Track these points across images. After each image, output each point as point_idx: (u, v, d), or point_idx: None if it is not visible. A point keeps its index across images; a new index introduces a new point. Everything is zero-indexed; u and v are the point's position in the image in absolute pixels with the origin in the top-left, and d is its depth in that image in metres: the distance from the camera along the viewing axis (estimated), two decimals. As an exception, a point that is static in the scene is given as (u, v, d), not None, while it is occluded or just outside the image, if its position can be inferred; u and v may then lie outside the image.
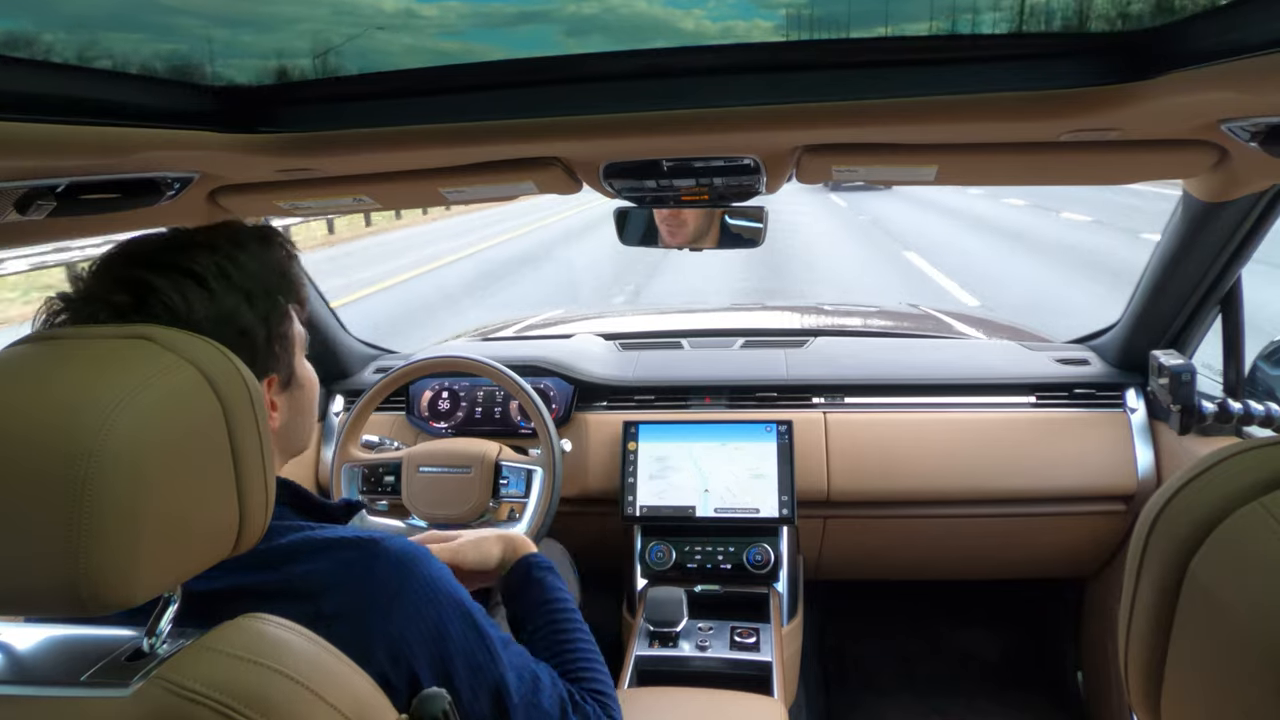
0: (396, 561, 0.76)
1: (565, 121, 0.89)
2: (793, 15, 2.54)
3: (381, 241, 14.06)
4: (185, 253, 0.76)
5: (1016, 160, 1.05)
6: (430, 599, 0.76)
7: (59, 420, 0.51)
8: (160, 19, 5.52)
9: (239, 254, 0.78)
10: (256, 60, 1.84)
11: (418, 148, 0.97)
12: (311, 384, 0.91)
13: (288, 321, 0.84)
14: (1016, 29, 0.81)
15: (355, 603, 0.72)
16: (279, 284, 0.82)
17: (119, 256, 0.76)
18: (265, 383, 0.81)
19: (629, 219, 1.37)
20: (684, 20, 4.42)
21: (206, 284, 0.75)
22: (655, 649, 1.42)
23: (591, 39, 6.00)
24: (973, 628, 2.17)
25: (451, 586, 0.79)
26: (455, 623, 0.77)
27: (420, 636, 0.74)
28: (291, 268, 0.85)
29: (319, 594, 0.72)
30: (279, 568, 0.73)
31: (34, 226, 0.89)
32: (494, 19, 5.09)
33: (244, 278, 0.78)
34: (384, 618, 0.73)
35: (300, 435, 0.91)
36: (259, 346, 0.79)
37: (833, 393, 1.75)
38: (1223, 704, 0.36)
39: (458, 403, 1.80)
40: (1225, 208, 1.26)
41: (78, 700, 0.54)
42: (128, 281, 0.73)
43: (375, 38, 2.62)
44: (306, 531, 0.77)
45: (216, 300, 0.75)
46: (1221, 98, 0.74)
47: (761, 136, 0.97)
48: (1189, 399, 1.40)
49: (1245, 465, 0.39)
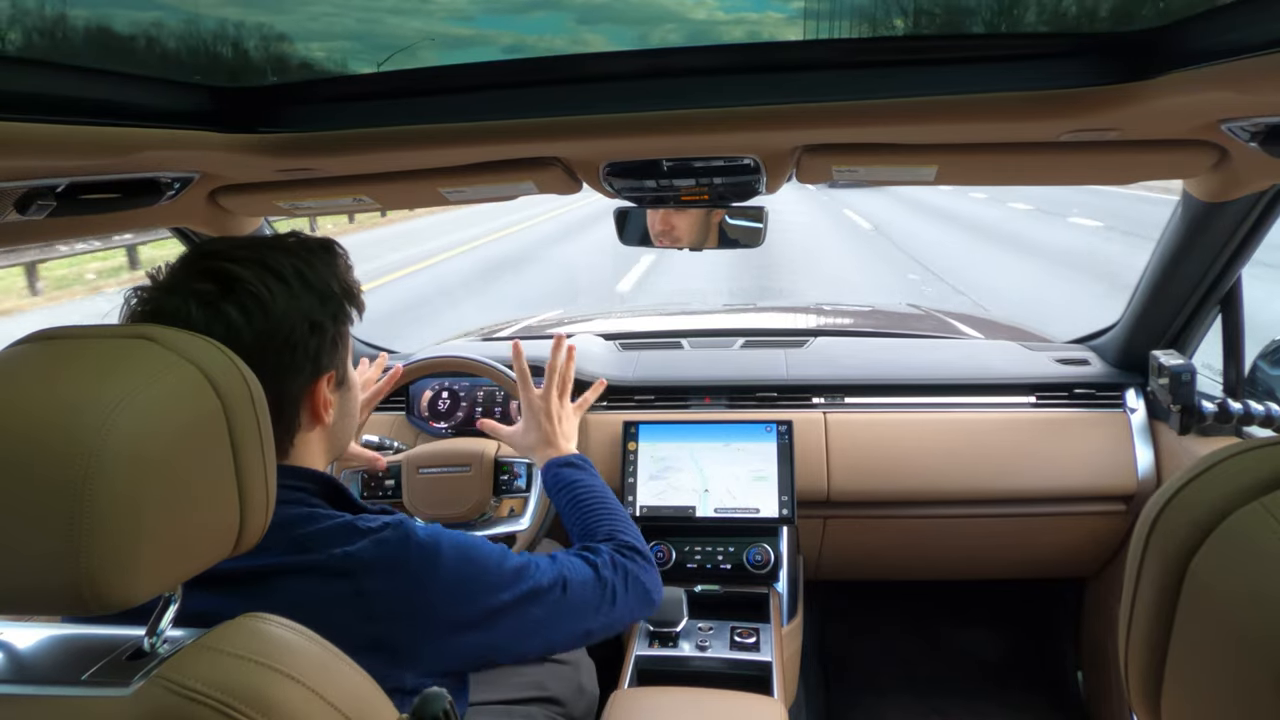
0: (429, 546, 0.82)
1: (565, 121, 0.89)
2: (810, 8, 2.55)
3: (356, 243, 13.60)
4: (265, 252, 0.81)
5: (1016, 160, 1.05)
6: (458, 583, 0.83)
7: (60, 420, 0.51)
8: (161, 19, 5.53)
9: (313, 259, 0.84)
10: (256, 60, 1.85)
11: (418, 148, 0.97)
12: (356, 388, 0.96)
13: (349, 324, 0.89)
14: (1017, 29, 0.81)
15: (394, 583, 0.78)
16: (344, 289, 0.87)
17: (199, 253, 0.81)
18: (325, 378, 0.86)
19: (629, 219, 1.37)
20: (695, 10, 4.43)
21: (287, 280, 0.80)
22: (655, 649, 1.42)
23: (601, 27, 6.07)
24: (973, 628, 2.17)
25: (477, 569, 0.86)
26: (484, 595, 0.85)
27: (450, 614, 0.82)
28: (352, 278, 0.90)
29: (358, 572, 0.77)
30: (315, 550, 0.77)
31: (34, 226, 0.89)
32: (504, 5, 5.09)
33: (318, 279, 0.83)
34: (421, 594, 0.80)
35: (345, 436, 0.94)
36: (326, 342, 0.84)
37: (833, 393, 1.75)
38: (1223, 704, 0.36)
39: (458, 403, 1.80)
40: (1225, 208, 1.25)
41: (78, 700, 0.54)
42: (213, 272, 0.77)
43: (386, 23, 2.62)
44: (344, 518, 0.81)
45: (296, 296, 0.80)
46: (1221, 98, 0.74)
47: (761, 136, 0.97)
48: (1189, 399, 1.40)
49: (1245, 465, 0.39)
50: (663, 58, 0.84)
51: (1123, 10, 0.76)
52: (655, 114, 0.87)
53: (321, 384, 0.85)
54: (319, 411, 0.85)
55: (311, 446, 0.87)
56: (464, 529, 1.49)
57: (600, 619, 0.97)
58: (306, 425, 0.85)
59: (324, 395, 0.86)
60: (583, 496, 1.15)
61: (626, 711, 1.23)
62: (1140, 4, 0.73)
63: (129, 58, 0.74)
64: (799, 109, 0.84)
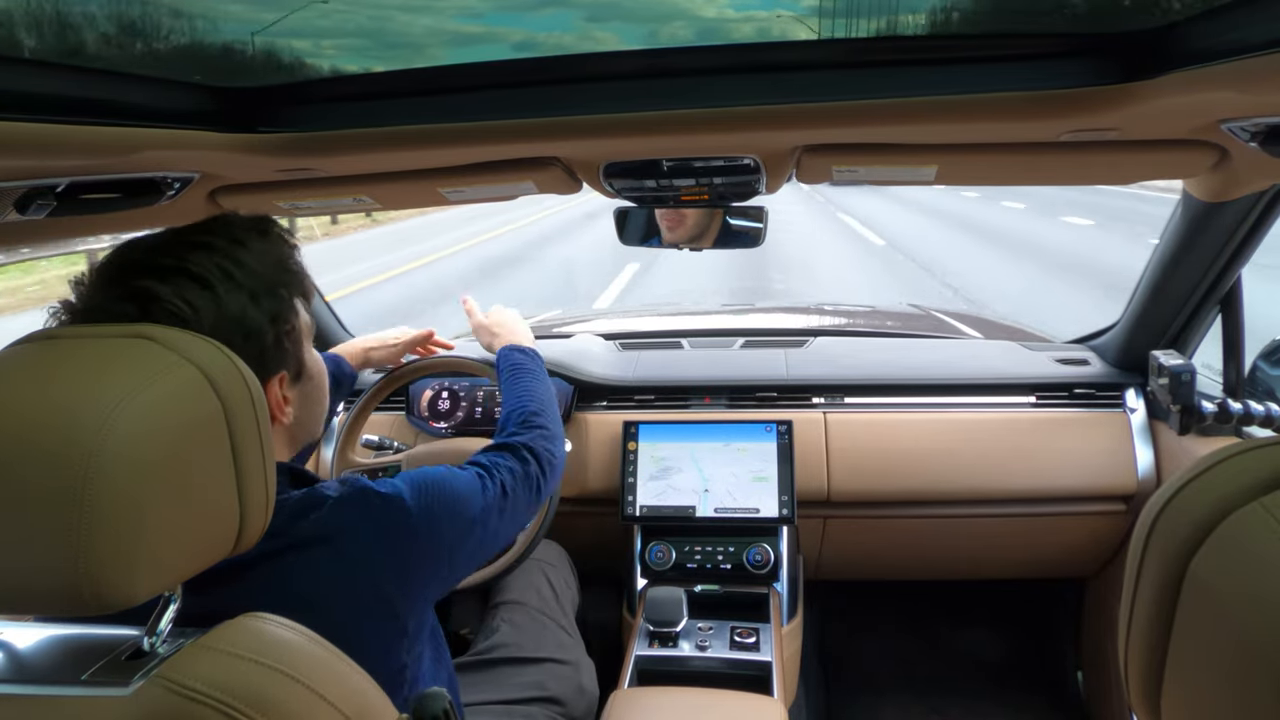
0: (396, 495, 0.84)
1: (565, 121, 0.89)
2: (823, 6, 2.52)
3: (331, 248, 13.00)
4: (185, 255, 0.75)
5: (1016, 160, 1.05)
6: (434, 519, 0.86)
7: (60, 420, 0.51)
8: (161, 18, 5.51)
9: (240, 252, 0.78)
10: (257, 60, 1.85)
11: (418, 148, 0.97)
12: (320, 373, 0.93)
13: (294, 316, 0.84)
14: (1017, 29, 0.81)
15: (373, 537, 0.80)
16: (282, 278, 0.82)
17: (118, 263, 0.76)
18: (277, 379, 0.82)
19: (629, 219, 1.37)
20: (705, 8, 4.40)
21: (210, 286, 0.74)
22: (655, 649, 1.42)
23: (611, 25, 6.04)
24: (973, 628, 2.17)
25: (446, 499, 0.89)
26: (458, 533, 0.90)
27: (437, 548, 0.86)
28: (293, 259, 0.85)
29: (335, 536, 0.78)
30: (287, 530, 0.76)
31: (34, 226, 0.89)
32: (514, 3, 5.06)
33: (247, 276, 0.77)
34: (403, 542, 0.82)
35: (313, 424, 0.93)
36: (267, 346, 0.80)
37: (833, 393, 1.75)
38: (1223, 704, 0.36)
39: (458, 403, 1.80)
40: (1225, 208, 1.25)
41: (78, 699, 0.54)
42: (131, 291, 0.72)
43: (395, 20, 2.61)
44: (303, 491, 0.81)
45: (221, 303, 0.75)
46: (1221, 98, 0.74)
47: (761, 136, 0.97)
48: (1189, 399, 1.40)
49: (1245, 465, 0.39)
50: (662, 58, 0.84)
51: (1123, 10, 0.76)
52: (655, 114, 0.87)
53: (271, 386, 0.81)
54: (273, 413, 0.82)
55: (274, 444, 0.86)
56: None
57: (527, 514, 1.07)
58: None
59: (276, 396, 0.82)
60: (519, 375, 1.32)
61: (626, 711, 1.23)
62: (1140, 4, 0.73)
63: (129, 57, 0.74)
64: (798, 109, 0.84)
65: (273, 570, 0.75)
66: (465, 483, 0.94)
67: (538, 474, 1.10)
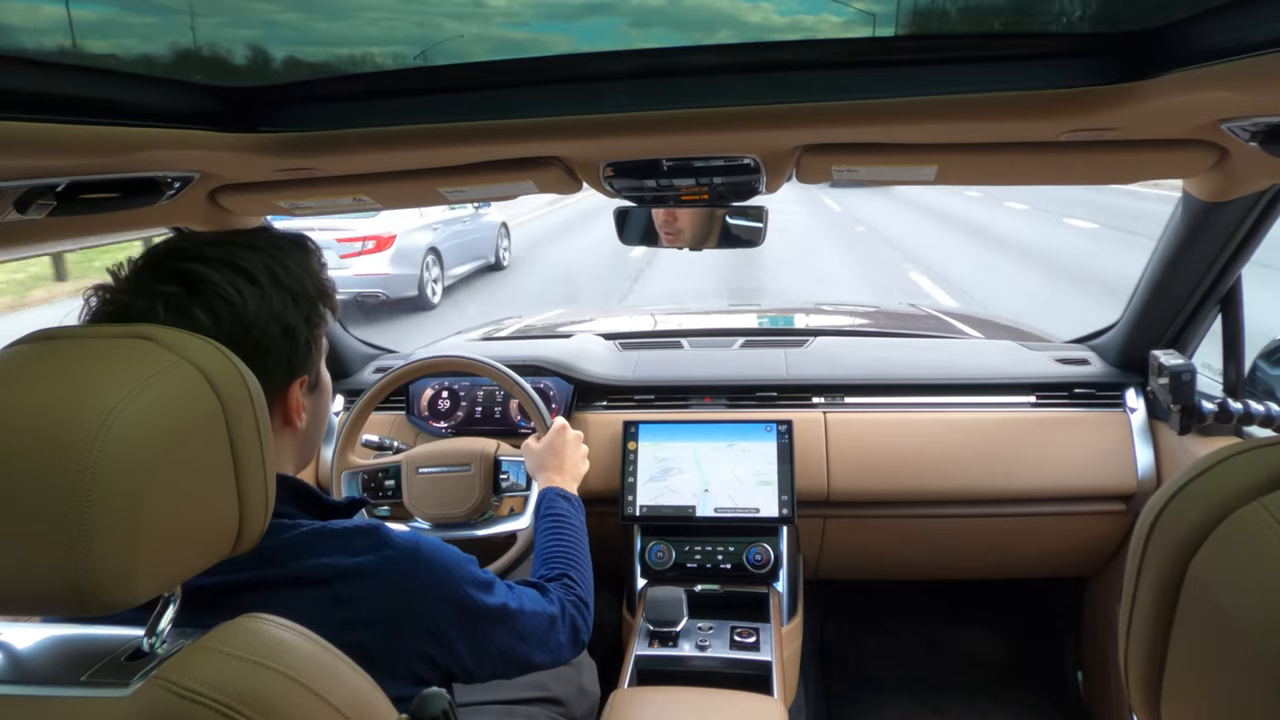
0: (408, 549, 0.81)
1: (565, 121, 0.89)
2: (867, 11, 2.49)
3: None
4: (234, 251, 0.78)
5: (1016, 160, 1.05)
6: (436, 585, 0.83)
7: (59, 420, 0.51)
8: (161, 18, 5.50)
9: (284, 257, 0.81)
10: (257, 59, 1.85)
11: (418, 148, 0.97)
12: (328, 390, 0.94)
13: (323, 324, 0.87)
14: (1016, 29, 0.81)
15: (371, 587, 0.77)
16: (319, 288, 0.85)
17: (164, 252, 0.77)
18: (299, 382, 0.84)
19: (629, 218, 1.37)
20: (750, 14, 4.36)
21: (257, 282, 0.77)
22: (655, 649, 1.42)
23: (654, 31, 6.01)
24: (973, 628, 2.17)
25: (455, 574, 0.86)
26: (456, 609, 0.85)
27: (430, 618, 0.82)
28: (326, 276, 0.87)
29: (334, 580, 0.76)
30: (285, 563, 0.75)
31: (34, 226, 0.89)
32: (560, 11, 5.04)
33: (290, 279, 0.80)
34: (398, 600, 0.79)
35: (316, 438, 0.93)
36: (299, 346, 0.82)
37: (833, 392, 1.75)
38: (1223, 704, 0.36)
39: (458, 402, 1.80)
40: (1225, 208, 1.25)
41: (77, 700, 0.54)
42: (180, 273, 0.74)
43: (443, 28, 2.59)
44: (314, 525, 0.79)
45: (266, 296, 0.77)
46: (1221, 98, 0.74)
47: (761, 136, 0.97)
48: (1189, 399, 1.39)
49: (1245, 465, 0.39)
50: (662, 58, 0.84)
51: (1123, 10, 0.76)
52: (655, 114, 0.87)
53: (294, 388, 0.83)
54: (291, 416, 0.83)
55: (281, 452, 0.85)
56: (464, 529, 1.50)
57: (542, 654, 0.99)
58: (277, 430, 0.83)
59: (297, 399, 0.83)
60: (563, 530, 1.22)
61: (626, 711, 1.23)
62: (1141, 4, 0.72)
63: (129, 57, 0.74)
64: (798, 109, 0.84)
65: (263, 603, 0.71)
66: (484, 576, 0.91)
67: (566, 635, 1.04)
